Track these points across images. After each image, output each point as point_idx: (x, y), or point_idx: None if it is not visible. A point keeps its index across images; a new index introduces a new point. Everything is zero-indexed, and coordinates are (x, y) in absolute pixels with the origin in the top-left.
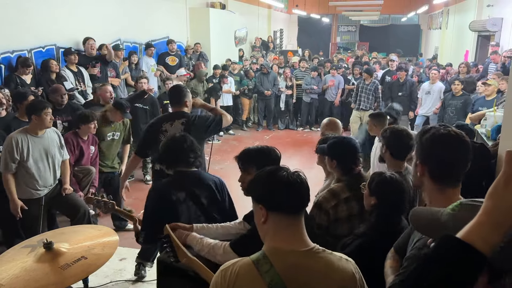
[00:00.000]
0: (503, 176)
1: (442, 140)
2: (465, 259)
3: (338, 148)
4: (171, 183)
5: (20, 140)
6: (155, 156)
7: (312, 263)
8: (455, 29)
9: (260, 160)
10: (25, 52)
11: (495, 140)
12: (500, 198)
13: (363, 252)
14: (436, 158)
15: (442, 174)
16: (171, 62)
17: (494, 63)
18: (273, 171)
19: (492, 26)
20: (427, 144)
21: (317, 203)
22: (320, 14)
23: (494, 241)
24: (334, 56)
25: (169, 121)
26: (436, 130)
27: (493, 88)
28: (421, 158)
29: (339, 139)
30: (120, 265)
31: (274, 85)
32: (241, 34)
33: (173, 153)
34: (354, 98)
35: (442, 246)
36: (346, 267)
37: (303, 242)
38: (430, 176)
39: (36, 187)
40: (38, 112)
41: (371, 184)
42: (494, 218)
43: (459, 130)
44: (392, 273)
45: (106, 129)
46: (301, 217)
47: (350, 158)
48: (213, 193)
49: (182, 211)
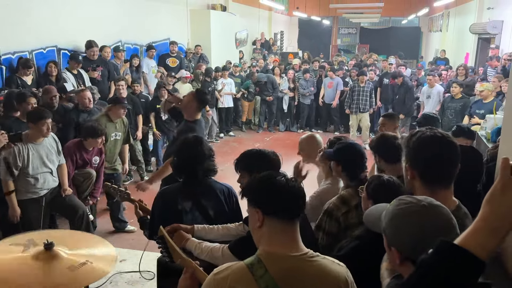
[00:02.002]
0: (499, 182)
1: (428, 142)
2: (462, 264)
3: (345, 153)
4: (179, 190)
5: (20, 148)
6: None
7: (306, 267)
8: (455, 32)
9: (260, 163)
10: (26, 53)
11: (495, 142)
12: (497, 204)
13: (359, 255)
14: (424, 160)
15: (432, 175)
16: (172, 63)
17: (492, 68)
18: (271, 176)
19: (493, 29)
20: (414, 147)
21: (327, 210)
22: (320, 16)
23: (491, 246)
24: (334, 59)
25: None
26: (422, 133)
27: (487, 92)
28: (410, 162)
29: (346, 144)
30: (120, 266)
31: (274, 89)
32: (241, 36)
33: (191, 165)
34: (348, 103)
35: (439, 252)
36: (340, 271)
37: (298, 247)
38: (421, 179)
39: (36, 190)
40: (35, 121)
41: (369, 187)
42: (491, 223)
43: (459, 132)
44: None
45: (110, 129)
46: (296, 222)
47: (357, 164)
48: (221, 205)
49: (187, 221)
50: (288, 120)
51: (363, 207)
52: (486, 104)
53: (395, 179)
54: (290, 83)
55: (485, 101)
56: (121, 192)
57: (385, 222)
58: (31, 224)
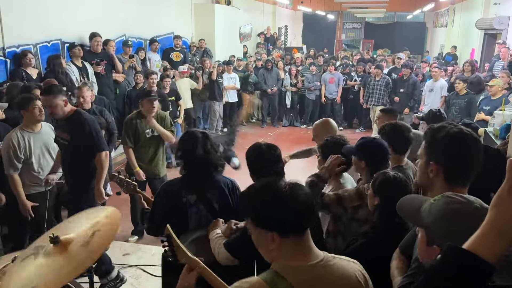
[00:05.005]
0: (506, 185)
1: (457, 138)
2: (471, 269)
3: (367, 149)
4: (183, 184)
5: (21, 139)
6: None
7: (326, 275)
8: (461, 27)
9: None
10: (30, 46)
11: (504, 139)
12: (505, 206)
13: (365, 252)
14: (452, 157)
15: (458, 173)
16: (176, 58)
17: (501, 61)
18: (276, 191)
19: (499, 25)
20: (442, 143)
21: (339, 196)
22: (325, 11)
23: (499, 250)
24: (339, 53)
25: None
26: (449, 128)
27: (496, 88)
28: (436, 158)
29: (368, 140)
30: (124, 260)
31: (278, 81)
32: (245, 30)
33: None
34: (366, 98)
35: (448, 257)
36: (357, 269)
37: (313, 255)
38: (444, 176)
39: (40, 181)
40: (26, 106)
41: (375, 184)
42: (499, 227)
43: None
44: (399, 274)
45: (143, 125)
46: (308, 230)
47: (379, 159)
48: (225, 198)
49: (192, 214)
50: (292, 115)
51: (369, 204)
52: (493, 100)
53: (401, 176)
54: (293, 78)
55: (493, 98)
56: (127, 183)
57: (431, 218)
58: (37, 219)
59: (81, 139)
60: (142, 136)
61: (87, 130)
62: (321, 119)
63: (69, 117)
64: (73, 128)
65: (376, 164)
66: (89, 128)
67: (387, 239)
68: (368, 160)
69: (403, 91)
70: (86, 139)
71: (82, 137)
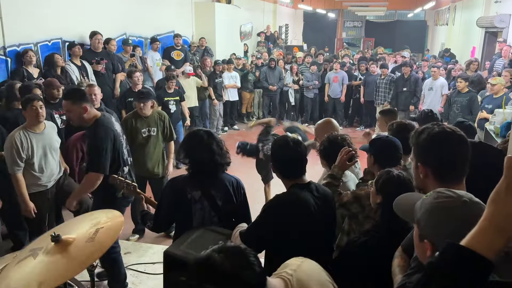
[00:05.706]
0: (504, 182)
1: (438, 138)
2: (470, 265)
3: (378, 145)
4: (188, 180)
5: (23, 139)
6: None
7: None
8: (462, 25)
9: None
10: (31, 45)
11: (504, 137)
12: (502, 203)
13: (367, 250)
14: (437, 157)
15: (446, 172)
16: (177, 56)
17: (502, 59)
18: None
19: (500, 23)
20: (424, 144)
21: (356, 194)
22: (326, 9)
23: (497, 246)
24: (340, 52)
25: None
26: (431, 129)
27: (499, 86)
28: (421, 160)
29: (381, 137)
30: (125, 259)
31: (280, 80)
32: (246, 29)
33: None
34: (374, 96)
35: (446, 254)
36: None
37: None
38: (434, 176)
39: (42, 183)
40: (24, 107)
41: (378, 182)
42: (497, 223)
43: (458, 127)
44: (399, 272)
45: (139, 125)
46: None
47: (387, 157)
48: (229, 196)
49: (196, 210)
50: (293, 114)
51: (371, 202)
52: (496, 99)
53: (405, 174)
54: (294, 76)
55: (495, 96)
56: (127, 185)
57: (420, 213)
58: (37, 218)
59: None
60: (138, 136)
61: (93, 143)
62: (323, 119)
63: (90, 125)
64: (88, 138)
65: (384, 161)
66: (95, 142)
67: (389, 237)
68: (376, 156)
69: (405, 89)
70: (90, 151)
71: (88, 147)
